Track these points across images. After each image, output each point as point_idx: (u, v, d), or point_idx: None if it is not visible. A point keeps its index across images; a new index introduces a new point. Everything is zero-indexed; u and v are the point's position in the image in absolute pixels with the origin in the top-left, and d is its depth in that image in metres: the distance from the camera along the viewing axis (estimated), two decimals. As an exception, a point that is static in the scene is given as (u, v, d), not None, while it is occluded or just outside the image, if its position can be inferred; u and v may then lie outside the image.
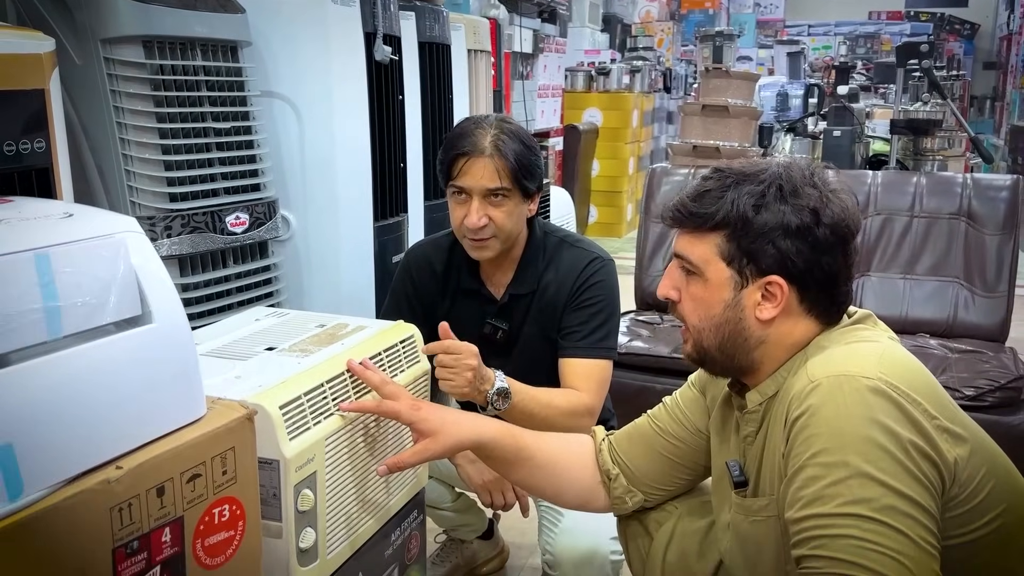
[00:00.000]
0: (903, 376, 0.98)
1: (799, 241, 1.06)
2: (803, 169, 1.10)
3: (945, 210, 2.80)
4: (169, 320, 0.96)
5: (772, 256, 1.07)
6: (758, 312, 1.10)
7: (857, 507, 0.91)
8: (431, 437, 1.29)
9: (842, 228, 1.07)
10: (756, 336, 1.11)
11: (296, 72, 2.01)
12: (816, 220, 1.06)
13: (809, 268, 1.07)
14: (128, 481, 0.88)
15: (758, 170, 1.11)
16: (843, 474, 0.93)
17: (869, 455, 0.92)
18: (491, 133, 1.61)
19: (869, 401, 0.95)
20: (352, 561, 1.35)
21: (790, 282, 1.08)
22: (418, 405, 1.32)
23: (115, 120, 1.65)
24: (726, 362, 1.15)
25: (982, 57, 10.98)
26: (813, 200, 1.07)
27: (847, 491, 0.92)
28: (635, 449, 1.37)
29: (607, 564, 1.59)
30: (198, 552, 0.98)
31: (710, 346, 1.14)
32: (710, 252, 1.11)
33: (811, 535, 0.93)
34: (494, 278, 1.74)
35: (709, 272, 1.12)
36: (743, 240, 1.09)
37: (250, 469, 1.04)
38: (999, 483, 1.01)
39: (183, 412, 0.98)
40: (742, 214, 1.08)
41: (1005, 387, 2.21)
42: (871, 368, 0.98)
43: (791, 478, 0.98)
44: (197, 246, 1.70)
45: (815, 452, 0.96)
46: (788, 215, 1.06)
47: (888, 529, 0.90)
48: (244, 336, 1.46)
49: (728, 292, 1.11)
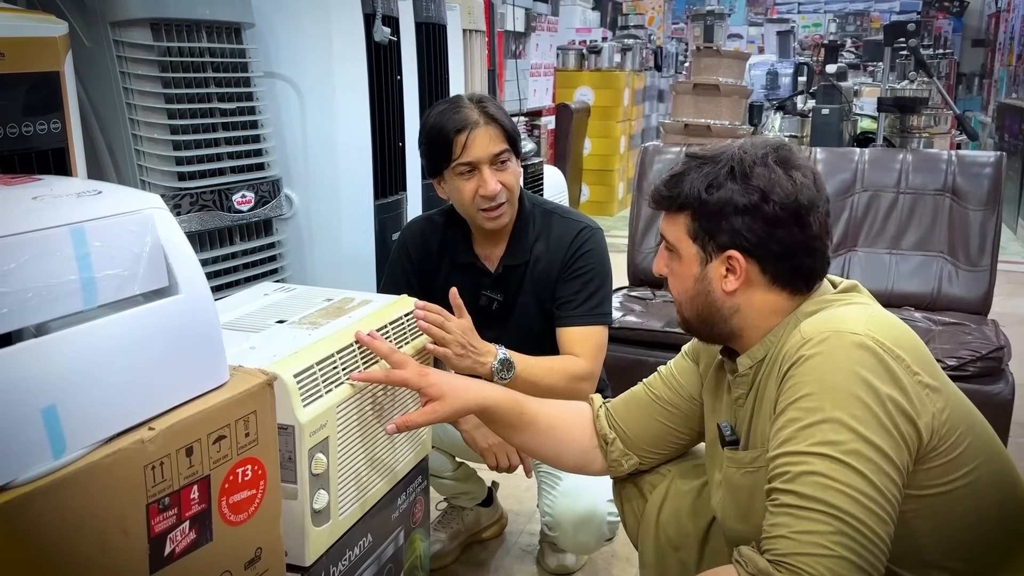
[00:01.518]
0: (889, 334, 1.06)
1: (749, 218, 1.14)
2: (759, 149, 1.17)
3: (930, 186, 2.86)
4: (194, 291, 1.02)
5: (727, 232, 1.15)
6: (724, 284, 1.18)
7: (825, 448, 0.99)
8: (439, 401, 1.37)
9: (792, 204, 1.13)
10: (727, 306, 1.19)
11: (297, 53, 2.05)
12: (764, 198, 1.13)
13: (763, 242, 1.14)
14: (160, 441, 0.94)
15: (718, 152, 1.19)
16: (818, 418, 1.00)
17: (846, 404, 1.00)
18: (474, 106, 1.67)
19: (855, 355, 1.02)
20: (361, 523, 1.42)
21: (747, 256, 1.16)
22: (425, 372, 1.40)
23: (124, 101, 1.69)
24: (708, 330, 1.24)
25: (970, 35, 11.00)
26: (762, 180, 1.14)
27: (819, 433, 1.00)
28: (631, 415, 1.44)
29: (604, 525, 1.67)
30: (223, 509, 1.04)
31: (691, 316, 1.24)
32: (681, 231, 1.20)
33: (781, 471, 1.01)
34: (488, 251, 1.80)
35: (681, 249, 1.21)
36: (702, 219, 1.17)
37: (270, 432, 1.10)
38: (975, 438, 1.08)
39: (208, 378, 1.04)
40: (697, 195, 1.17)
41: (986, 357, 2.29)
42: (859, 326, 1.05)
43: (775, 419, 1.06)
44: (206, 224, 1.76)
45: (799, 397, 1.03)
46: (736, 194, 1.14)
47: (850, 470, 0.97)
48: (255, 310, 1.52)
49: (696, 267, 1.20)
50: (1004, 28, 9.07)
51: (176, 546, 0.98)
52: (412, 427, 1.39)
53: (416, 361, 1.45)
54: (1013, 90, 7.86)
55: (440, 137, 1.66)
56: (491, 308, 1.78)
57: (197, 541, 1.01)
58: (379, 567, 1.49)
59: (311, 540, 1.27)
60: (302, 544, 1.26)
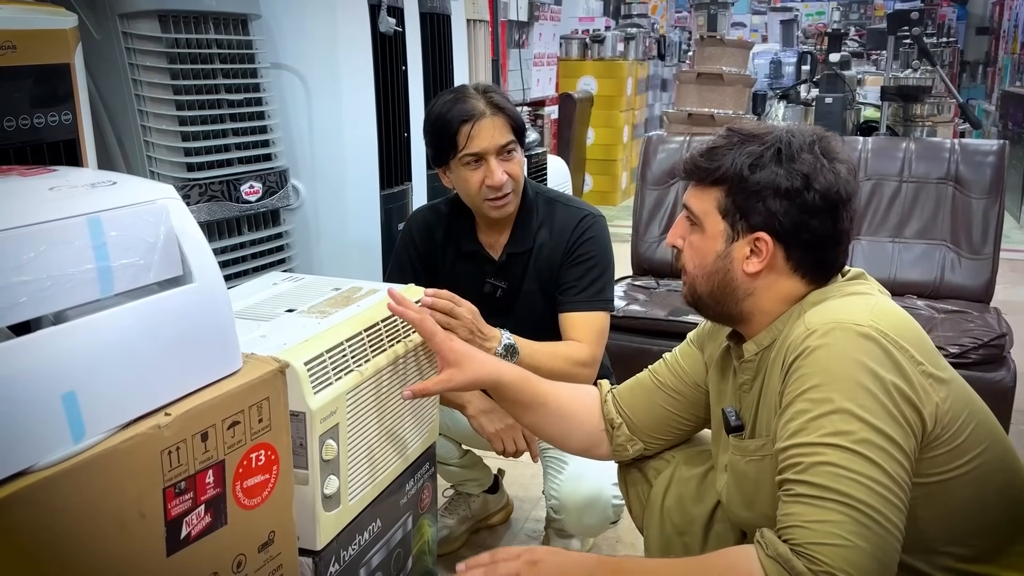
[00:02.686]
0: (892, 324, 1.07)
1: (788, 202, 1.13)
2: (807, 136, 1.17)
3: (933, 175, 2.86)
4: (207, 280, 1.04)
5: (762, 214, 1.15)
6: (745, 265, 1.18)
7: (836, 438, 1.00)
8: (456, 368, 1.39)
9: (832, 195, 1.13)
10: (744, 288, 1.19)
11: (303, 44, 2.06)
12: (807, 184, 1.13)
13: (796, 229, 1.14)
14: (176, 427, 0.97)
15: (764, 132, 1.18)
16: (827, 409, 1.01)
17: (853, 394, 1.01)
18: (480, 96, 1.68)
19: (859, 346, 1.03)
20: (371, 508, 1.44)
21: (776, 240, 1.16)
22: (451, 336, 1.44)
23: (133, 93, 1.71)
24: (717, 308, 1.24)
25: (975, 23, 10.97)
26: (807, 166, 1.13)
27: (829, 424, 1.01)
28: (637, 401, 1.46)
29: (609, 508, 1.69)
30: (237, 493, 1.06)
31: (703, 292, 1.23)
32: (710, 205, 1.19)
33: (793, 462, 1.02)
34: (492, 239, 1.82)
35: (707, 224, 1.20)
36: (738, 196, 1.16)
37: (283, 418, 1.12)
38: (978, 426, 1.09)
39: (222, 365, 1.06)
40: (739, 171, 1.15)
41: (988, 344, 2.30)
42: (863, 317, 1.06)
43: (783, 412, 1.07)
44: (214, 214, 1.78)
45: (805, 389, 1.04)
46: (780, 177, 1.13)
47: (863, 459, 0.98)
48: (264, 299, 1.54)
49: (720, 244, 1.19)
50: (1008, 16, 9.04)
51: (192, 529, 1.00)
52: (427, 394, 1.43)
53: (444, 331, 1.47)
54: (1017, 78, 7.84)
55: (446, 127, 1.67)
56: (495, 296, 1.80)
57: (212, 525, 1.03)
58: (388, 551, 1.52)
59: (322, 524, 1.30)
60: (313, 528, 1.28)
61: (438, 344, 1.41)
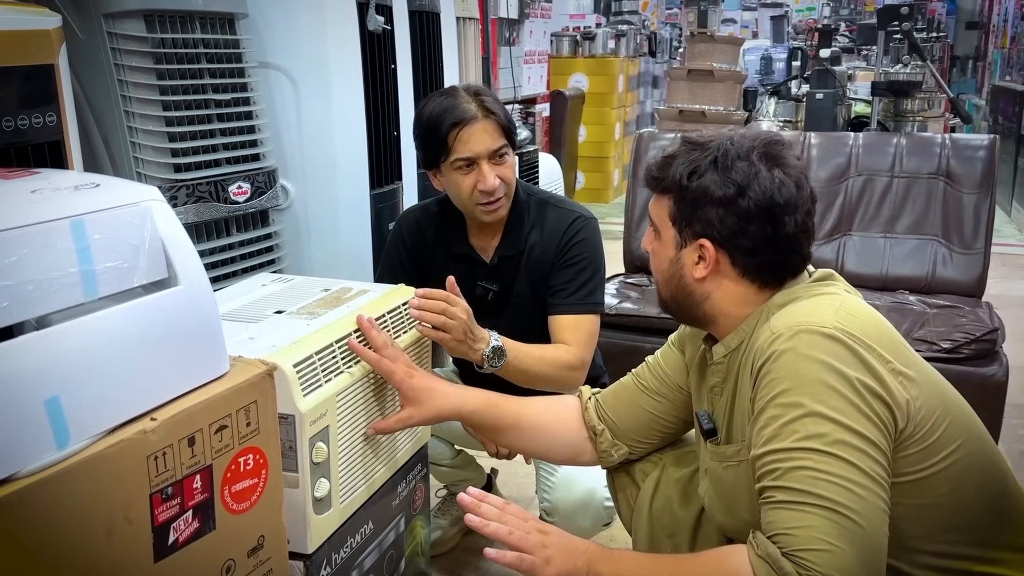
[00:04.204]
0: (858, 324, 1.07)
1: (723, 210, 1.15)
2: (748, 142, 1.17)
3: (924, 170, 2.87)
4: (193, 282, 1.02)
5: (701, 221, 1.17)
6: (694, 271, 1.20)
7: (811, 442, 1.00)
8: (415, 405, 1.40)
9: (767, 202, 1.13)
10: (698, 292, 1.21)
11: (291, 43, 2.05)
12: (740, 192, 1.14)
13: (733, 236, 1.16)
14: (162, 431, 0.95)
15: (708, 141, 1.20)
16: (798, 413, 1.02)
17: (822, 396, 1.01)
18: (471, 99, 1.66)
19: (824, 347, 1.04)
20: (362, 510, 1.43)
21: (717, 247, 1.17)
22: (412, 372, 1.41)
23: (119, 93, 1.69)
24: (682, 312, 1.27)
25: (965, 17, 10.99)
26: (740, 174, 1.14)
27: (802, 428, 1.01)
28: (620, 405, 1.46)
29: (601, 510, 1.69)
30: (226, 498, 1.05)
31: (666, 297, 1.27)
32: (664, 213, 1.22)
33: (770, 468, 1.02)
34: (483, 241, 1.80)
35: (663, 231, 1.23)
36: (681, 205, 1.19)
37: (271, 421, 1.11)
38: (954, 421, 1.09)
39: (209, 368, 1.05)
40: (679, 180, 1.18)
41: (980, 339, 2.30)
42: (828, 318, 1.06)
43: (755, 419, 1.07)
44: (202, 215, 1.76)
45: (775, 394, 1.04)
46: (715, 185, 1.15)
47: (839, 461, 0.98)
48: (253, 300, 1.52)
49: (672, 250, 1.22)
50: (998, 10, 9.06)
51: (180, 535, 0.99)
52: (386, 432, 1.42)
53: (408, 359, 1.45)
54: (1007, 73, 7.86)
55: (437, 131, 1.65)
56: (487, 298, 1.79)
57: (200, 530, 1.02)
58: (380, 553, 1.51)
59: (313, 527, 1.29)
60: (304, 531, 1.28)
61: (396, 382, 1.40)
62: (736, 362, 1.20)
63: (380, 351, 1.40)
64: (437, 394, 1.41)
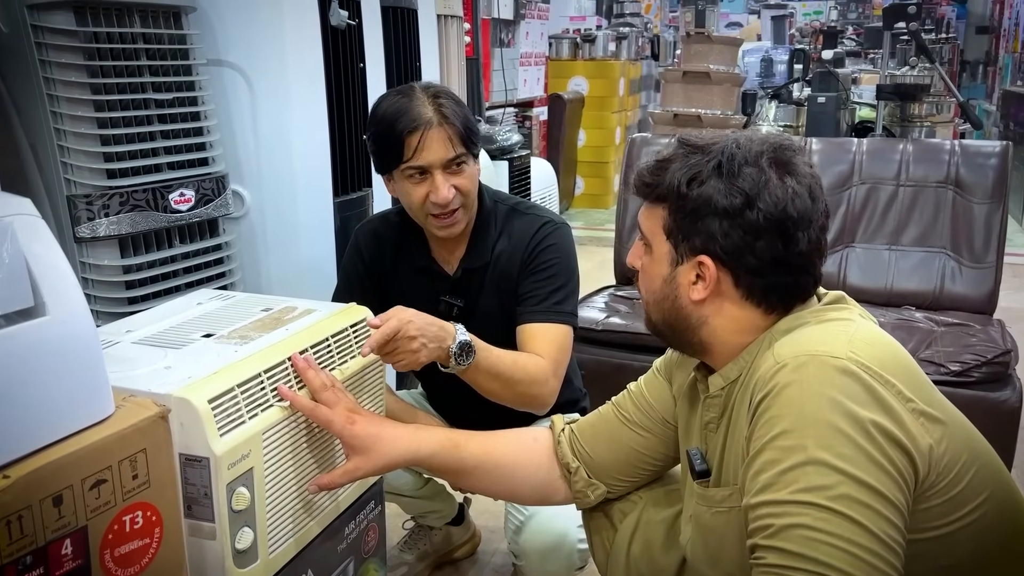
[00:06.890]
0: (875, 355, 0.92)
1: (728, 222, 1.00)
2: (756, 147, 1.02)
3: (932, 178, 2.71)
4: (67, 311, 0.87)
5: (702, 235, 1.02)
6: (691, 292, 1.05)
7: (810, 495, 0.84)
8: (362, 455, 1.22)
9: (779, 214, 0.99)
10: (695, 316, 1.06)
11: (246, 39, 1.90)
12: (748, 203, 0.99)
13: (739, 253, 1.01)
14: (17, 491, 0.80)
15: (710, 143, 1.04)
16: (799, 459, 0.86)
17: (829, 440, 0.86)
18: (428, 101, 1.51)
19: (836, 382, 0.88)
20: (299, 559, 1.28)
21: (720, 264, 1.02)
22: (353, 419, 1.23)
23: (46, 92, 1.54)
24: (675, 338, 1.11)
25: (975, 21, 10.83)
26: (749, 181, 0.99)
27: (803, 478, 0.86)
28: (599, 439, 1.30)
29: (574, 554, 1.53)
30: (107, 564, 0.90)
31: (657, 320, 1.11)
32: (657, 225, 1.07)
33: (763, 524, 0.87)
34: (446, 253, 1.66)
35: (655, 245, 1.08)
36: (678, 215, 1.04)
37: (166, 471, 0.95)
38: (981, 469, 0.95)
39: (85, 412, 0.89)
40: (676, 188, 1.03)
41: (992, 362, 2.14)
42: (841, 348, 0.91)
43: (751, 461, 0.92)
44: (138, 225, 1.61)
45: (775, 435, 0.89)
46: (719, 194, 1.00)
47: (842, 519, 0.83)
48: (182, 322, 1.37)
49: (666, 267, 1.06)
50: (1009, 14, 8.90)
51: (45, 611, 0.84)
52: (333, 487, 1.25)
53: (352, 400, 1.29)
54: (1018, 77, 7.70)
55: (389, 135, 1.50)
56: (451, 315, 1.63)
57: (73, 603, 0.87)
58: (322, 606, 1.35)
59: (232, 584, 1.13)
60: (222, 589, 1.12)
61: (336, 433, 1.22)
62: (734, 395, 1.05)
63: (317, 395, 1.23)
64: (384, 441, 1.23)
